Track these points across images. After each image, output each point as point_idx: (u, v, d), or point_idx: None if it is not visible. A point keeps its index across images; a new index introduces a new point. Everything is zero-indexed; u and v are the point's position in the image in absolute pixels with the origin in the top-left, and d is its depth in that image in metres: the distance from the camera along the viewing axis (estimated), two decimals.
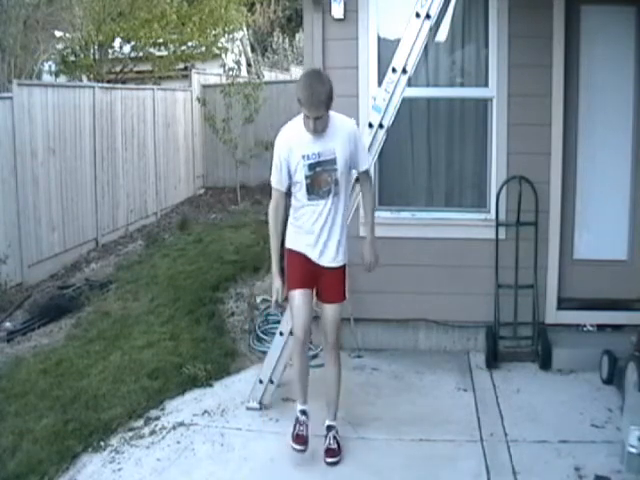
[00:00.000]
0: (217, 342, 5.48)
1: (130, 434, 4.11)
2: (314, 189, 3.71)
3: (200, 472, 3.72)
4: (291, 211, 3.88)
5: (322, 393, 3.97)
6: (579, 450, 3.79)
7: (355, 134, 3.80)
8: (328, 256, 3.81)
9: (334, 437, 3.86)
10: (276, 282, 3.87)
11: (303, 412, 3.92)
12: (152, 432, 4.13)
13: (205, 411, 4.38)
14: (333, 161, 3.69)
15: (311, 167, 3.68)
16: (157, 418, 4.30)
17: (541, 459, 3.75)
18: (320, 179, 3.69)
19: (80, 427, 4.12)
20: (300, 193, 3.75)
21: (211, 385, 4.76)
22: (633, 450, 2.75)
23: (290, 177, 3.76)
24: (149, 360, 5.10)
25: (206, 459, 3.85)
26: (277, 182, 3.82)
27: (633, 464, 2.75)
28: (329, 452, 3.80)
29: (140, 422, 4.25)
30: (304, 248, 3.82)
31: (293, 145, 3.71)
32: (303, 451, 3.77)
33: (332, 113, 3.71)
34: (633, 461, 2.75)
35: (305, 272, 3.81)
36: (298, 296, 3.79)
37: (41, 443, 3.95)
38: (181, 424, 4.21)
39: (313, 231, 3.77)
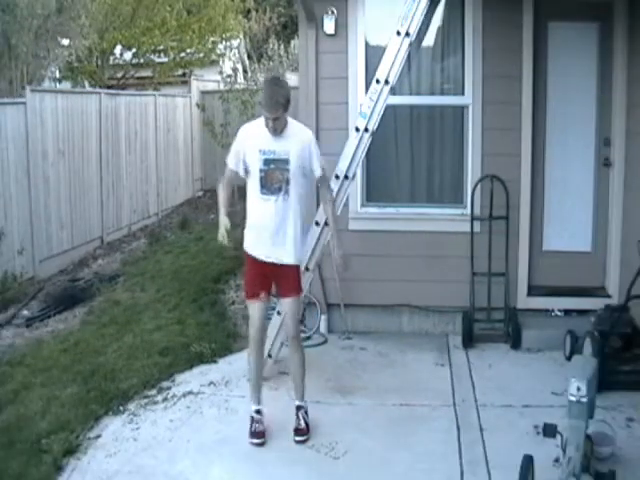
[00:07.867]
0: (220, 326, 5.99)
1: (145, 401, 4.63)
2: (266, 183, 4.04)
3: (208, 430, 4.24)
4: (248, 214, 4.24)
5: (316, 372, 4.48)
6: (539, 412, 4.30)
7: (310, 143, 4.11)
8: (282, 252, 4.14)
9: (303, 417, 4.16)
10: (223, 220, 4.32)
11: (258, 412, 4.20)
12: (165, 399, 4.65)
13: (211, 382, 4.90)
14: (286, 161, 4.02)
15: (266, 162, 4.02)
16: (168, 388, 4.82)
17: (505, 419, 4.29)
18: (273, 175, 4.03)
19: (101, 395, 4.63)
20: (253, 185, 4.09)
21: (216, 361, 5.28)
22: (572, 398, 3.26)
23: (245, 164, 4.09)
24: (159, 340, 5.61)
25: (213, 420, 4.37)
26: (234, 164, 4.16)
27: (573, 410, 3.27)
28: (298, 431, 4.11)
29: (154, 391, 4.76)
30: (261, 248, 4.19)
31: (254, 138, 4.06)
32: (262, 444, 4.06)
33: (293, 120, 4.11)
34: (573, 408, 3.26)
35: (262, 278, 4.21)
36: (253, 307, 4.22)
37: (67, 407, 4.47)
38: (190, 393, 4.73)
39: (267, 226, 4.11)
